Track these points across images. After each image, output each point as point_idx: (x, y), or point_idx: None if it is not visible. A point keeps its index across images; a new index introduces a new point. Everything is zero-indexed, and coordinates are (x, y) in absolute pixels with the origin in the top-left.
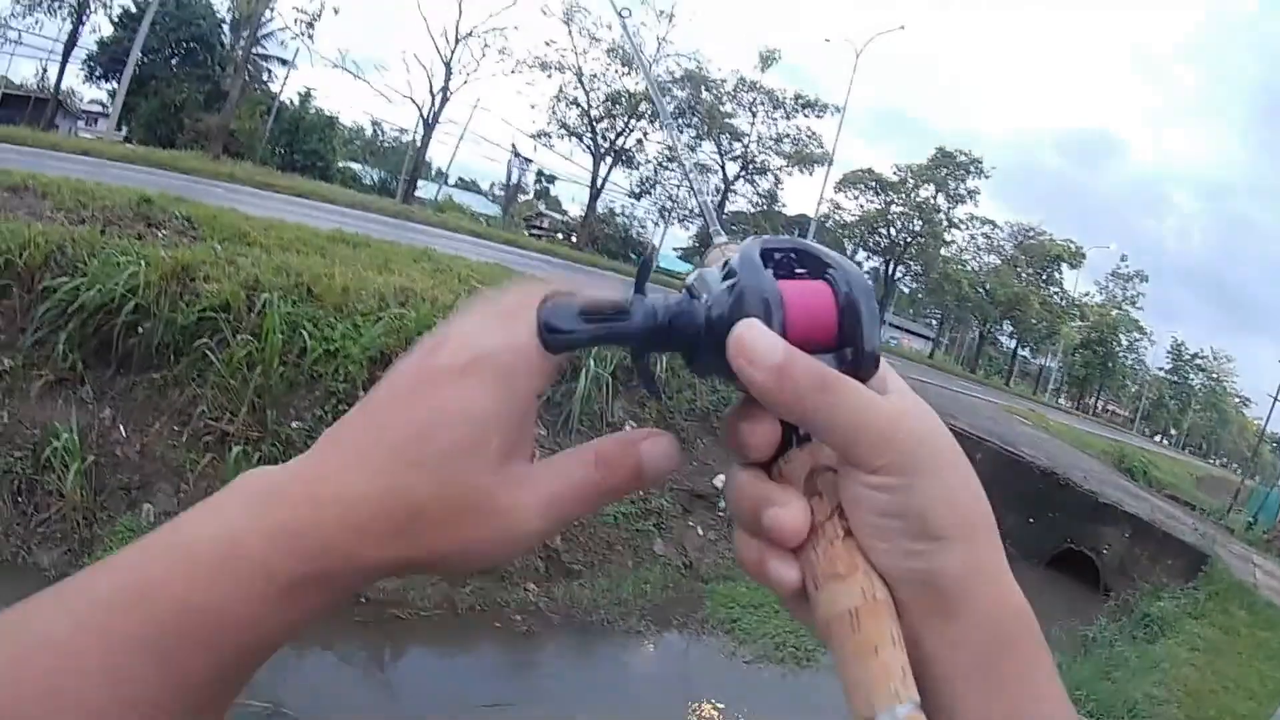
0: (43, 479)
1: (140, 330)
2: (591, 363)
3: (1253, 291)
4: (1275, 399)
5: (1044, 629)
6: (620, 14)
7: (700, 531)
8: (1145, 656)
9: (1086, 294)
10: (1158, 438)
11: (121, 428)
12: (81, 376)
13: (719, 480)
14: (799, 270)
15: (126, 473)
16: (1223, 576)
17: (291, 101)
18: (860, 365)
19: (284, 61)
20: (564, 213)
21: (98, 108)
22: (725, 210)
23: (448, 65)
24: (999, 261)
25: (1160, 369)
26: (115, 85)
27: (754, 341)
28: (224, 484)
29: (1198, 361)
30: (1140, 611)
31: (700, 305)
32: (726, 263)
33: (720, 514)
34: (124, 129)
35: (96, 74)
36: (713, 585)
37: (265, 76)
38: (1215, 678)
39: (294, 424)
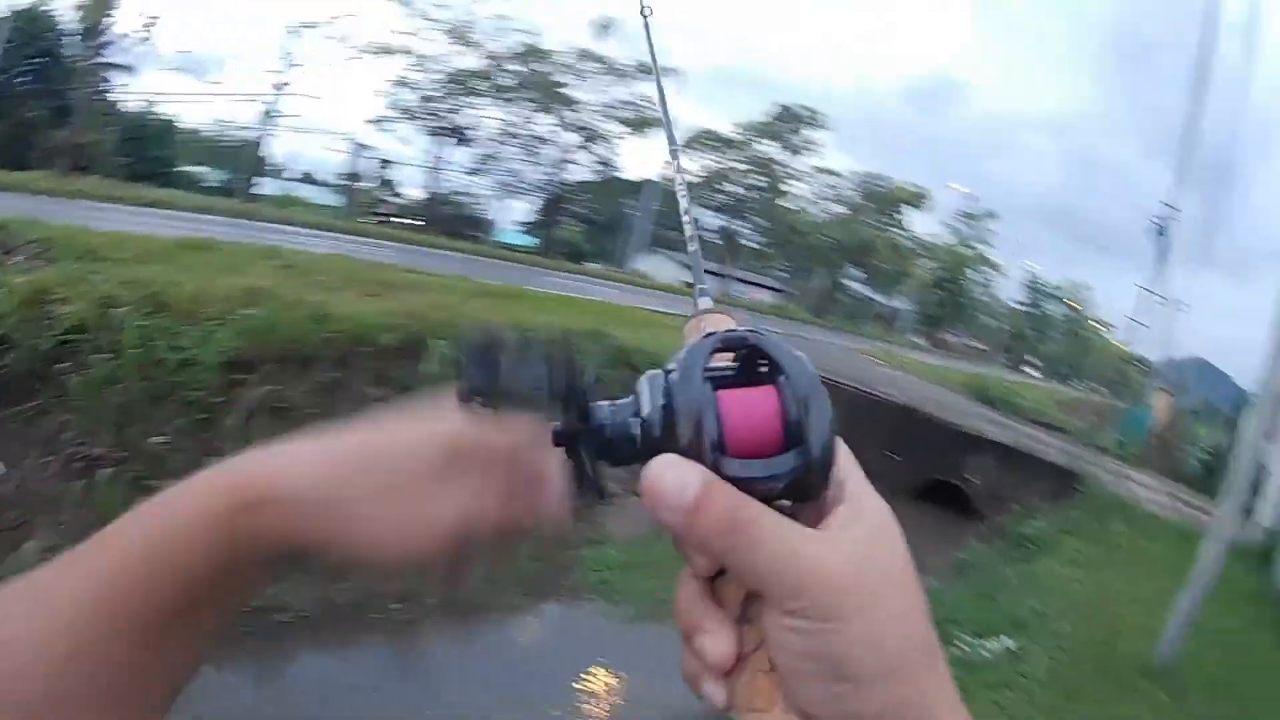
0: None
1: (3, 361)
2: (440, 344)
3: (1104, 221)
4: (1134, 321)
5: (917, 557)
6: (643, 13)
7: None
8: (1026, 575)
9: (935, 235)
10: (1022, 368)
11: None
12: None
13: None
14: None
15: (5, 511)
16: (1097, 493)
17: (135, 110)
18: (805, 479)
19: (126, 69)
20: (398, 197)
21: None
22: (566, 181)
23: (286, 58)
24: (845, 210)
25: (1017, 301)
26: None
27: (663, 485)
28: (99, 510)
29: (1054, 292)
30: (1014, 533)
31: (636, 422)
32: (668, 371)
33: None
34: None
35: None
36: (581, 551)
37: (109, 86)
38: (1101, 590)
39: (156, 439)
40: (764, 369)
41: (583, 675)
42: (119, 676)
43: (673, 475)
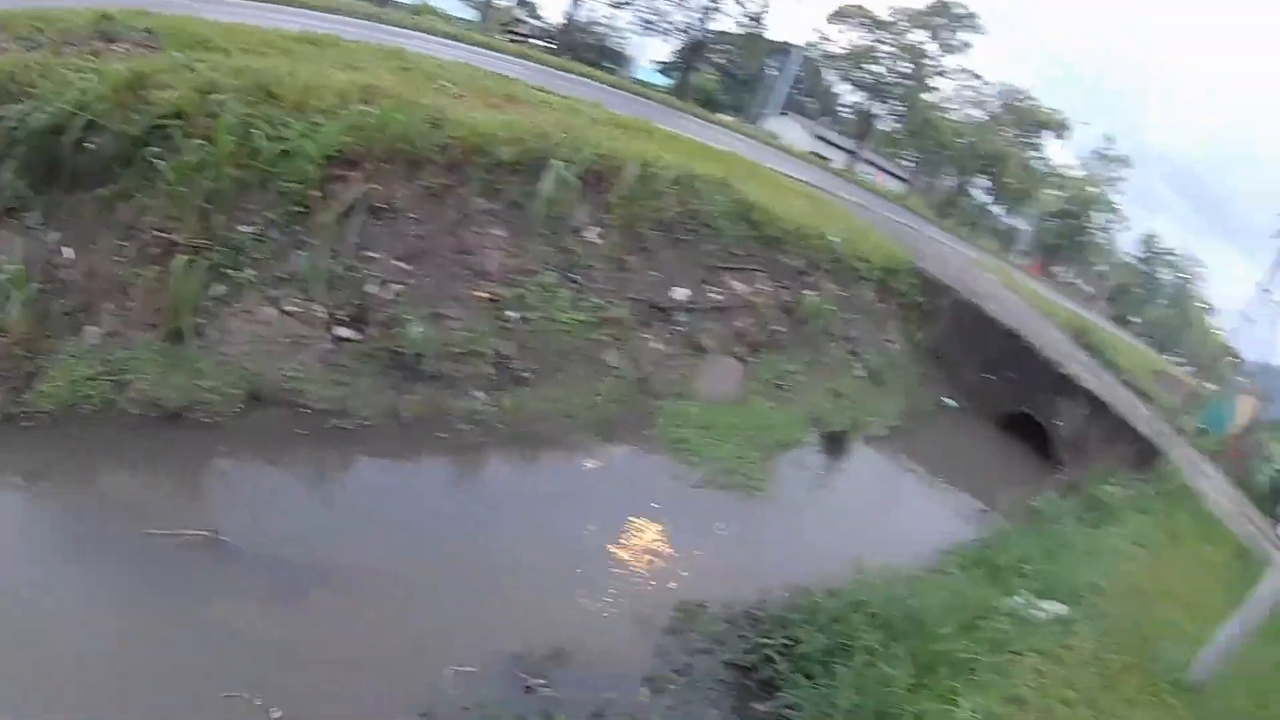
0: None
1: (90, 146)
2: (559, 163)
3: (1236, 206)
4: (1244, 315)
5: (994, 492)
6: None
7: (655, 346)
8: (1091, 542)
9: (1068, 165)
10: (1122, 323)
11: (67, 250)
12: (28, 204)
13: (678, 292)
14: None
15: (71, 296)
16: (1173, 477)
17: None
18: None
19: None
20: (537, 19)
21: None
22: (709, 28)
23: None
24: (984, 117)
25: (1130, 255)
26: None
27: None
28: (171, 296)
29: (1168, 257)
30: (1089, 493)
31: None
32: None
33: (677, 328)
34: None
35: None
36: (664, 402)
37: None
38: (1157, 581)
39: (243, 228)
40: None
41: (630, 526)
42: None
43: None
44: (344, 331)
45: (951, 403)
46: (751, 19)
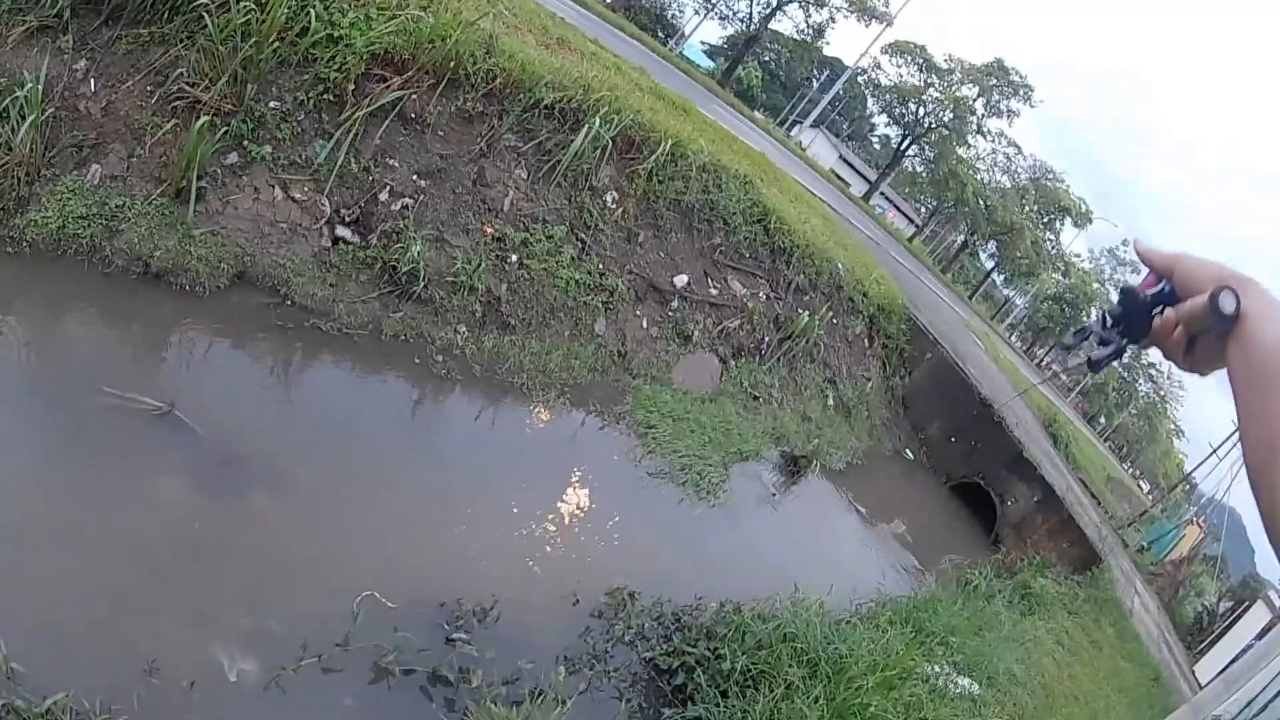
0: None
1: None
2: (597, 120)
3: None
4: (1213, 452)
5: (932, 553)
6: None
7: (644, 325)
8: (1016, 629)
9: (1078, 255)
10: (1090, 421)
11: (92, 81)
12: (65, 25)
13: (680, 279)
14: None
15: (84, 129)
16: (1106, 587)
17: None
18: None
19: None
20: None
21: None
22: (769, 26)
23: None
24: (1010, 185)
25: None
26: None
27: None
28: (182, 153)
29: (1152, 371)
30: (1023, 579)
31: None
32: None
33: (669, 313)
34: None
35: None
36: (640, 382)
37: None
38: (1070, 682)
39: (272, 103)
40: None
41: (580, 499)
42: None
43: None
44: (345, 232)
45: (909, 454)
46: (813, 29)
